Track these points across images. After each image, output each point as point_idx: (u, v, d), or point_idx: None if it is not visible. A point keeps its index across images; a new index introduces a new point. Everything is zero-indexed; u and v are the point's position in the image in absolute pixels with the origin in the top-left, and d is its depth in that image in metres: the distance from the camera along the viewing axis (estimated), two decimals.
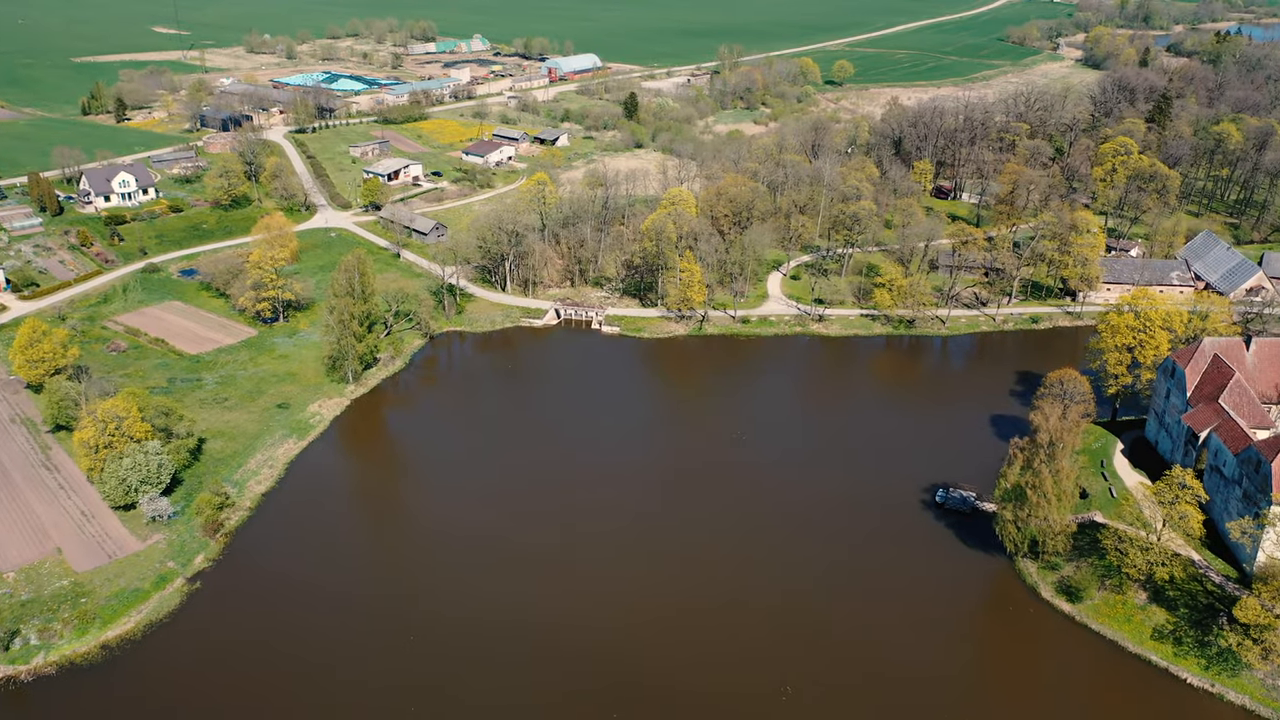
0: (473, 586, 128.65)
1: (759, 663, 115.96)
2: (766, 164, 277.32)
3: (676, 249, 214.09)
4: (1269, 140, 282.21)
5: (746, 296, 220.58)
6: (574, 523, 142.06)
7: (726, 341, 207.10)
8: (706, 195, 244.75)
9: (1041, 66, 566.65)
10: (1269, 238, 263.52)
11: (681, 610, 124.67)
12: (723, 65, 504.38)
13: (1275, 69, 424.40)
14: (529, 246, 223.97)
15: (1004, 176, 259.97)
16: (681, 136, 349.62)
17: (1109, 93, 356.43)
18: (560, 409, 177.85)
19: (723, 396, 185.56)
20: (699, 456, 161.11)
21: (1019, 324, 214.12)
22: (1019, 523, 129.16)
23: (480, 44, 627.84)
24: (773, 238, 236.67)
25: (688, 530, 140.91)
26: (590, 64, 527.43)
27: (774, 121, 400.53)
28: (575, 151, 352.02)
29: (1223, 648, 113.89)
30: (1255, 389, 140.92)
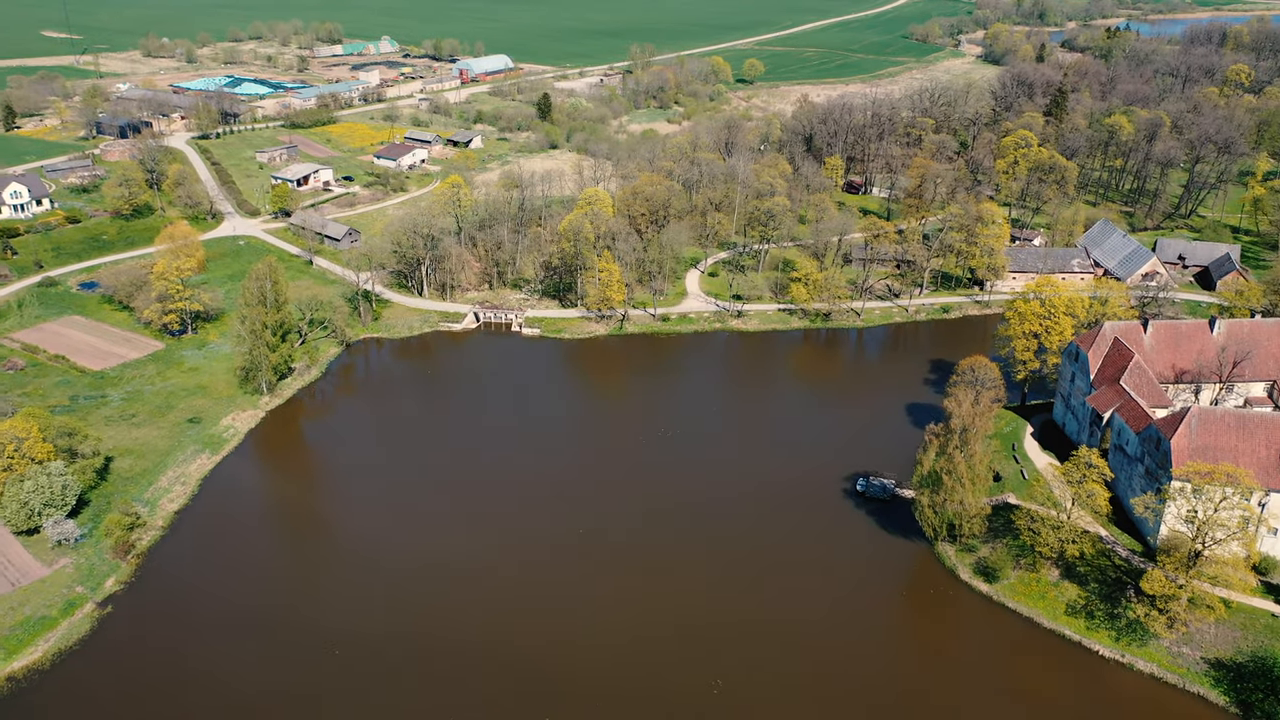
0: (395, 598, 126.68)
1: (688, 658, 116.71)
2: (681, 163, 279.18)
3: (595, 249, 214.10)
4: (1158, 131, 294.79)
5: (666, 294, 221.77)
6: (497, 528, 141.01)
7: (647, 340, 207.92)
8: (623, 195, 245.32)
9: (944, 63, 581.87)
10: (1161, 225, 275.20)
11: (608, 609, 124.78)
12: (635, 65, 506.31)
13: (1162, 63, 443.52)
14: (445, 250, 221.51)
15: (912, 171, 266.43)
16: (596, 136, 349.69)
17: (1008, 88, 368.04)
18: (482, 414, 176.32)
19: (646, 394, 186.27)
20: (624, 455, 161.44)
21: (931, 314, 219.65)
22: (936, 507, 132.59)
23: (389, 46, 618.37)
24: (690, 235, 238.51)
25: (613, 529, 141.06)
26: (502, 65, 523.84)
27: (687, 120, 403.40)
28: (489, 153, 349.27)
29: (1131, 619, 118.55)
30: (1153, 370, 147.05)
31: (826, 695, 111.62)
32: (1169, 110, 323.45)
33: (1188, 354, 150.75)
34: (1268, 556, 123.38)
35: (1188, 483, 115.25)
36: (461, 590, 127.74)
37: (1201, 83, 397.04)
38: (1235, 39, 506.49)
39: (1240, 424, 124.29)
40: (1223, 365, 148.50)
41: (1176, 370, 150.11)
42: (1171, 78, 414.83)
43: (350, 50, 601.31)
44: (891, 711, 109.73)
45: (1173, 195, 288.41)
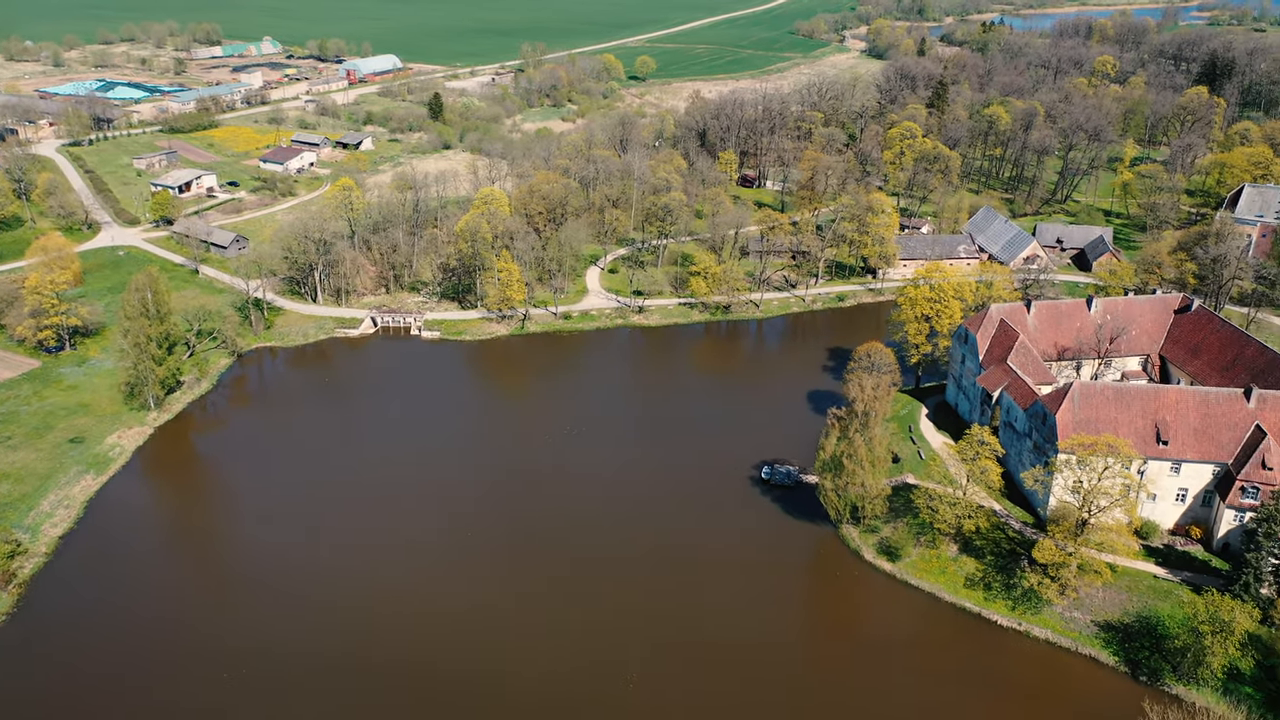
0: (296, 614, 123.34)
1: (600, 654, 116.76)
2: (577, 160, 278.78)
3: (493, 249, 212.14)
4: (1033, 121, 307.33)
5: (567, 292, 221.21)
6: (402, 537, 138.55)
7: (550, 338, 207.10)
8: (519, 194, 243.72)
9: (830, 58, 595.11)
10: (1040, 210, 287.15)
11: (519, 610, 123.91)
12: (527, 63, 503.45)
13: (1034, 56, 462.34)
14: (339, 254, 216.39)
15: (803, 163, 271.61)
16: (490, 136, 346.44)
17: (892, 81, 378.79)
18: (384, 421, 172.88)
19: (551, 393, 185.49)
20: (531, 454, 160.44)
21: (827, 303, 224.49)
22: (839, 491, 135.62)
23: (271, 47, 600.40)
24: (588, 233, 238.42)
25: (522, 529, 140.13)
26: (390, 65, 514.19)
27: (581, 118, 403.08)
28: (381, 155, 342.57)
29: (1025, 588, 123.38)
30: (1037, 348, 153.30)
31: (741, 680, 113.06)
32: (1042, 100, 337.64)
33: (1068, 332, 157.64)
34: (1148, 521, 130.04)
35: (1073, 455, 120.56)
36: (366, 601, 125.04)
37: (1071, 74, 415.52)
38: (1100, 32, 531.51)
39: (1118, 397, 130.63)
40: (1100, 342, 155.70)
41: (1059, 348, 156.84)
42: (1043, 69, 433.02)
43: (230, 52, 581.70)
44: (806, 691, 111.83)
45: (1049, 182, 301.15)
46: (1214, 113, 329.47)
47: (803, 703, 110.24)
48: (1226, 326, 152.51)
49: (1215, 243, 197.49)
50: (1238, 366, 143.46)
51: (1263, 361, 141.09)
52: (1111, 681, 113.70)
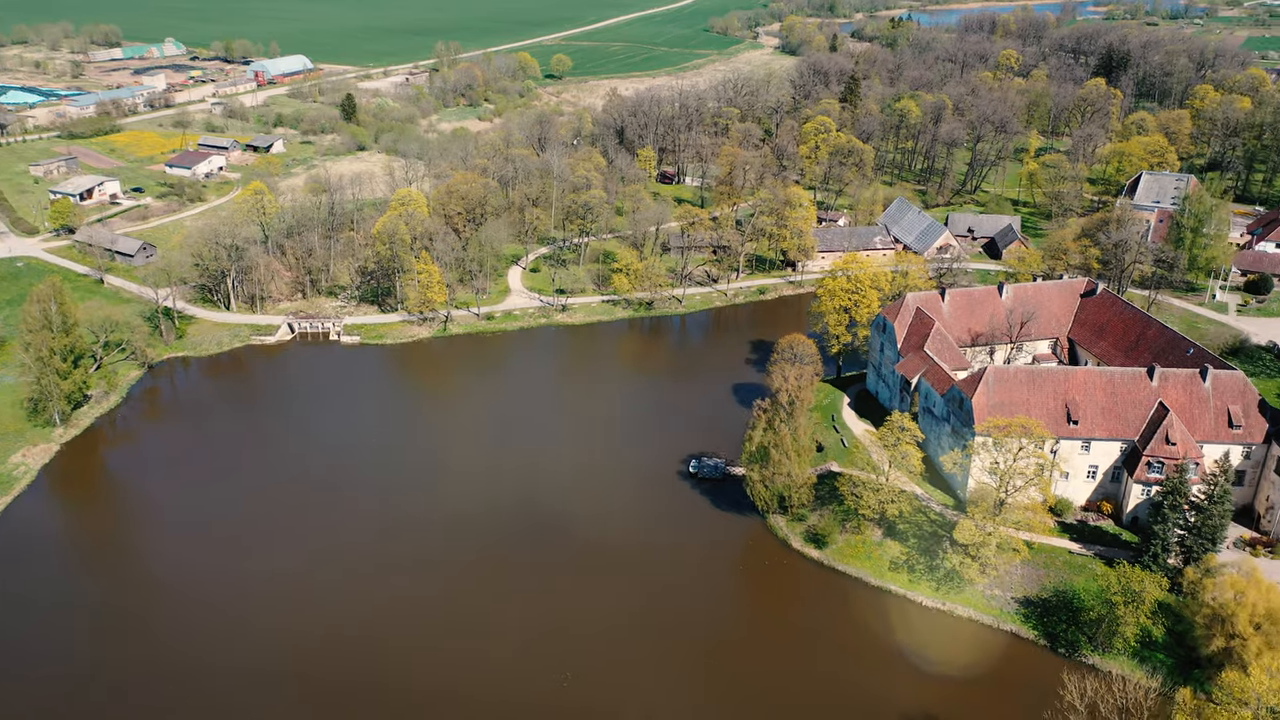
0: (217, 629, 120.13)
1: (535, 655, 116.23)
2: (495, 159, 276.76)
3: (412, 251, 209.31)
4: (942, 114, 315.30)
5: (489, 293, 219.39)
6: (325, 546, 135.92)
7: (473, 340, 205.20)
8: (437, 194, 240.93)
9: (745, 54, 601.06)
10: (951, 201, 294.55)
11: (447, 616, 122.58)
12: (441, 63, 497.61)
13: (942, 50, 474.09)
14: (252, 260, 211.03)
15: (721, 159, 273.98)
16: (406, 136, 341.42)
17: (806, 76, 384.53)
18: (305, 428, 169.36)
19: (475, 395, 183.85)
20: (455, 457, 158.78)
21: (749, 296, 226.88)
22: (766, 481, 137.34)
23: (175, 48, 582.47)
24: (509, 232, 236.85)
25: (449, 533, 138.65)
26: (300, 66, 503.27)
27: (498, 117, 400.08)
28: (293, 158, 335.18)
29: (948, 569, 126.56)
30: (952, 335, 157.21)
31: (675, 672, 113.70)
32: (950, 94, 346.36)
33: (981, 318, 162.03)
34: (1061, 498, 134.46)
35: (989, 437, 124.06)
36: (291, 612, 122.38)
37: (977, 67, 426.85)
38: (1003, 27, 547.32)
39: (1030, 379, 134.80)
40: (1012, 327, 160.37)
41: (972, 334, 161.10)
42: (951, 63, 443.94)
43: (131, 54, 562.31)
44: (740, 679, 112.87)
45: (959, 173, 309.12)
46: (1112, 104, 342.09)
47: (736, 691, 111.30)
48: (1129, 309, 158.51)
49: (1116, 229, 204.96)
50: (1141, 347, 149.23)
51: (1163, 341, 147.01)
52: (1032, 655, 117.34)
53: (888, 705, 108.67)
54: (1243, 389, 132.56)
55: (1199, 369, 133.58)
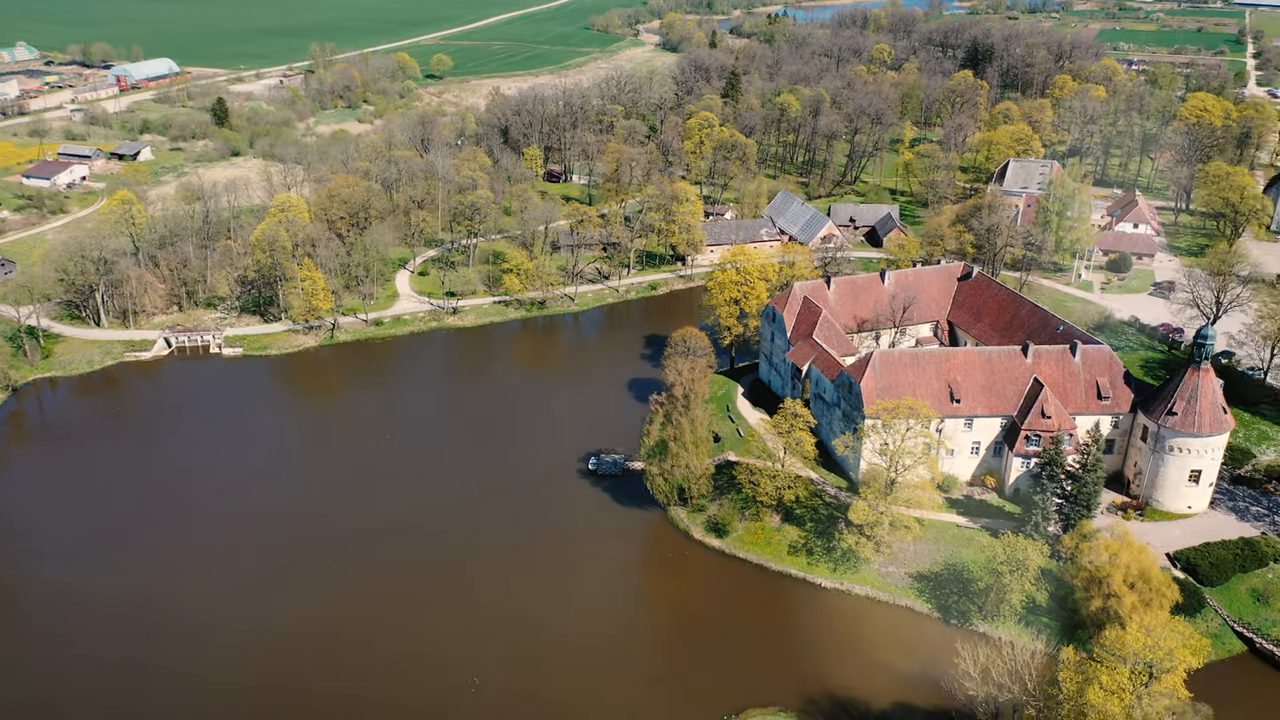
0: (99, 658, 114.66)
1: (441, 660, 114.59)
2: (378, 162, 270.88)
3: (294, 258, 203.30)
4: (821, 107, 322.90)
5: (377, 298, 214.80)
6: (213, 566, 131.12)
7: (362, 346, 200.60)
8: (318, 199, 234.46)
9: (626, 52, 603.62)
10: (833, 192, 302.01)
11: (352, 622, 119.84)
12: (317, 64, 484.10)
13: (818, 45, 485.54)
14: (122, 273, 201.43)
15: (607, 156, 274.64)
16: (282, 140, 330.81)
17: (687, 73, 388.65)
18: (187, 445, 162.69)
19: (368, 402, 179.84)
20: (351, 466, 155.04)
21: (640, 292, 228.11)
22: (666, 474, 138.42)
23: (27, 52, 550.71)
24: (395, 236, 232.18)
25: (346, 543, 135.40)
26: (166, 69, 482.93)
27: (379, 119, 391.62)
28: (163, 165, 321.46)
29: (844, 549, 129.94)
30: (839, 322, 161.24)
31: (584, 669, 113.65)
32: (828, 87, 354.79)
33: (866, 305, 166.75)
34: (948, 475, 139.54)
35: (878, 419, 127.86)
36: (179, 635, 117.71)
37: (852, 61, 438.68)
38: (875, 22, 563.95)
39: (914, 362, 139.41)
40: (895, 312, 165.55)
41: (858, 320, 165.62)
42: (826, 58, 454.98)
43: None
44: (647, 672, 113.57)
45: (839, 164, 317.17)
46: (979, 95, 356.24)
47: (645, 684, 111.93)
48: (1003, 290, 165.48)
49: (988, 214, 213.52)
50: (1015, 326, 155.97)
51: (1035, 320, 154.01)
52: (927, 627, 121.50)
53: (791, 686, 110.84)
54: (1109, 362, 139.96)
55: (1069, 345, 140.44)
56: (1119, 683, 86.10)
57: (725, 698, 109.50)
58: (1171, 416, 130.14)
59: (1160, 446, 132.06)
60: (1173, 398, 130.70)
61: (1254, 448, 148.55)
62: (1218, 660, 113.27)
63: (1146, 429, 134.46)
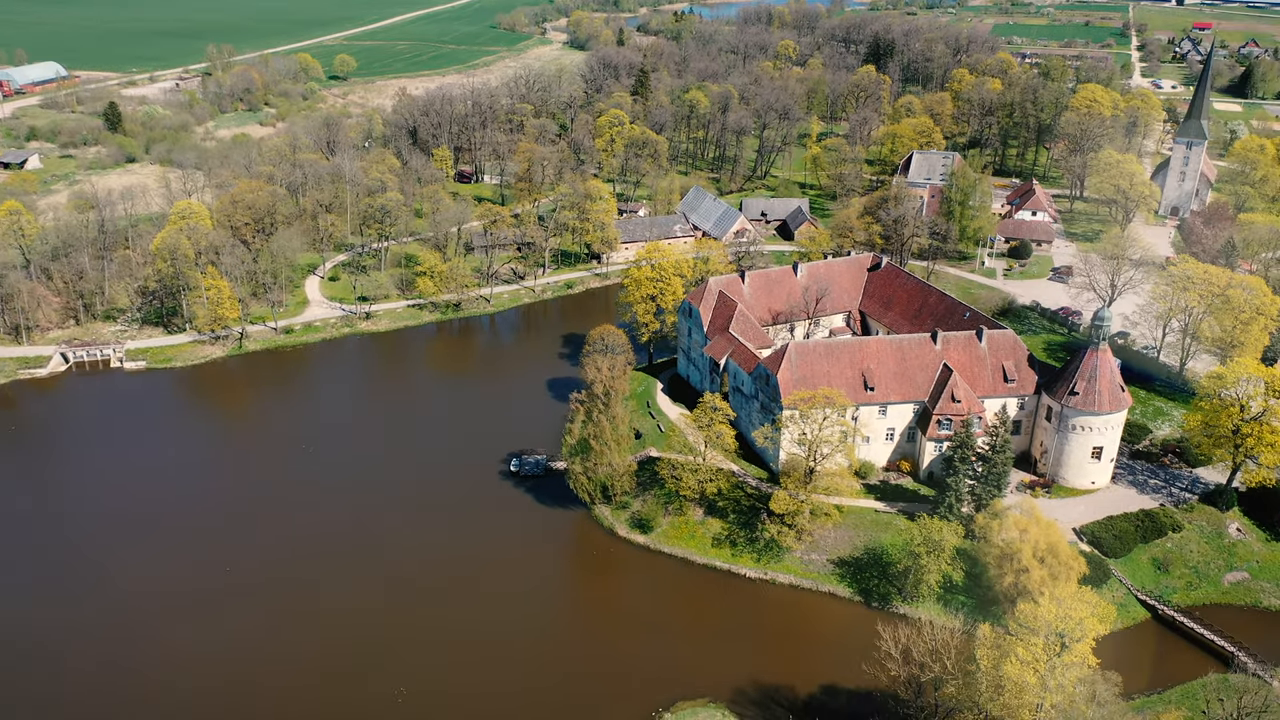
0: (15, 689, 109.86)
1: (367, 671, 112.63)
2: (282, 165, 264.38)
3: (197, 266, 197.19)
4: (729, 103, 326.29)
5: (286, 305, 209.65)
6: (124, 585, 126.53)
7: (272, 355, 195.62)
8: (221, 205, 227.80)
9: (534, 50, 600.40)
10: (744, 187, 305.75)
11: (276, 636, 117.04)
12: (214, 66, 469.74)
13: (724, 42, 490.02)
14: (12, 287, 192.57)
15: (519, 156, 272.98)
16: (181, 145, 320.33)
17: (596, 71, 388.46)
18: (88, 469, 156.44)
19: (282, 412, 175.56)
20: (262, 477, 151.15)
21: (556, 291, 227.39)
22: (589, 472, 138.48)
23: None
24: (303, 241, 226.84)
25: (262, 556, 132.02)
26: (53, 73, 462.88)
27: (282, 121, 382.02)
28: (52, 173, 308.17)
29: (767, 539, 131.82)
30: (754, 315, 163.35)
31: (512, 672, 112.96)
32: (735, 84, 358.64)
33: (780, 297, 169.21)
34: (865, 462, 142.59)
35: (795, 410, 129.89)
36: (97, 660, 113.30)
37: (758, 58, 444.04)
38: (779, 18, 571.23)
39: (829, 352, 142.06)
40: (808, 303, 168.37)
41: (773, 313, 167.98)
42: (733, 54, 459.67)
43: None
44: (577, 672, 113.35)
45: (749, 160, 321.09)
46: (882, 89, 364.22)
47: (575, 684, 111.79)
48: (911, 279, 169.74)
49: (895, 205, 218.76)
50: (924, 314, 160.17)
51: (943, 308, 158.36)
52: (849, 612, 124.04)
53: (721, 677, 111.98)
54: (1014, 346, 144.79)
55: (975, 330, 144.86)
56: (1033, 654, 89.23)
57: (656, 692, 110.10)
58: (1073, 396, 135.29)
59: (1064, 426, 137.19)
60: (1074, 378, 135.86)
61: (1150, 423, 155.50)
62: (1123, 628, 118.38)
63: (1051, 409, 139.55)
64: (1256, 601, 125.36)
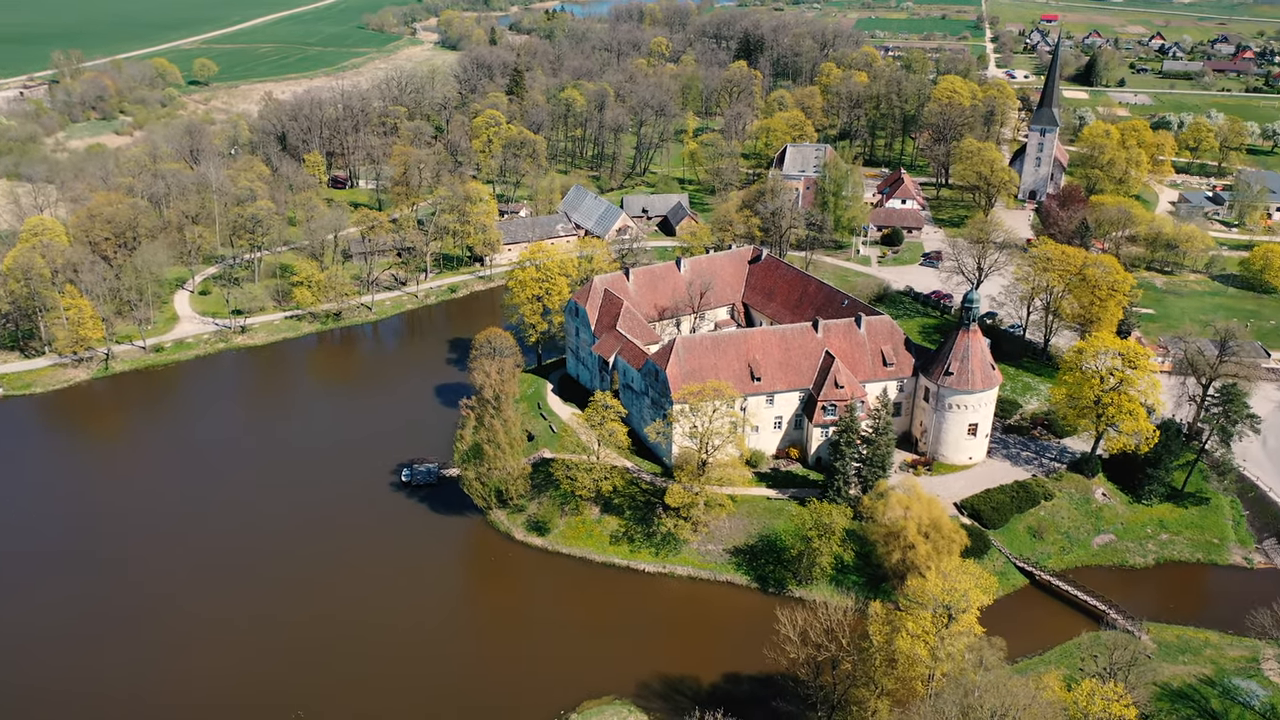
0: None
1: (261, 697, 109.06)
2: (143, 176, 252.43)
3: (54, 285, 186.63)
4: (605, 101, 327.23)
5: (155, 323, 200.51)
6: None
7: (142, 376, 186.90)
8: (77, 220, 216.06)
9: (405, 51, 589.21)
10: (624, 184, 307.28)
11: (164, 672, 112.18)
12: (62, 73, 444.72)
13: (598, 40, 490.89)
14: None
15: (394, 159, 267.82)
16: (29, 158, 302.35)
17: (470, 71, 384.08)
18: None
19: (154, 434, 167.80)
20: (142, 505, 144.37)
21: (440, 296, 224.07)
22: (483, 478, 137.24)
23: None
24: (170, 254, 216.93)
25: (150, 589, 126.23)
26: None
27: (140, 130, 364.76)
28: None
29: (664, 533, 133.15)
30: (641, 312, 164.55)
31: (414, 684, 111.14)
32: (611, 81, 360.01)
33: (665, 293, 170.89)
34: (755, 451, 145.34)
35: (685, 403, 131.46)
36: None
37: (632, 55, 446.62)
38: (651, 16, 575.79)
39: (715, 345, 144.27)
40: (693, 298, 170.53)
41: (659, 309, 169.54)
42: (607, 52, 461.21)
43: None
44: (480, 677, 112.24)
45: (628, 157, 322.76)
46: (754, 84, 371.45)
47: (479, 691, 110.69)
48: (791, 270, 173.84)
49: (771, 198, 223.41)
50: (804, 304, 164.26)
51: (822, 297, 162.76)
52: (747, 599, 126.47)
53: (625, 674, 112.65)
54: (891, 331, 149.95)
55: (854, 317, 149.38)
56: (923, 627, 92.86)
57: (560, 693, 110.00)
58: (948, 377, 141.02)
59: (941, 405, 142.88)
60: (948, 359, 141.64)
61: (1019, 398, 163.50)
62: (1004, 595, 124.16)
63: (928, 390, 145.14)
64: (1123, 561, 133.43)
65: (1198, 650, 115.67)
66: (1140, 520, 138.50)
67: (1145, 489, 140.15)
